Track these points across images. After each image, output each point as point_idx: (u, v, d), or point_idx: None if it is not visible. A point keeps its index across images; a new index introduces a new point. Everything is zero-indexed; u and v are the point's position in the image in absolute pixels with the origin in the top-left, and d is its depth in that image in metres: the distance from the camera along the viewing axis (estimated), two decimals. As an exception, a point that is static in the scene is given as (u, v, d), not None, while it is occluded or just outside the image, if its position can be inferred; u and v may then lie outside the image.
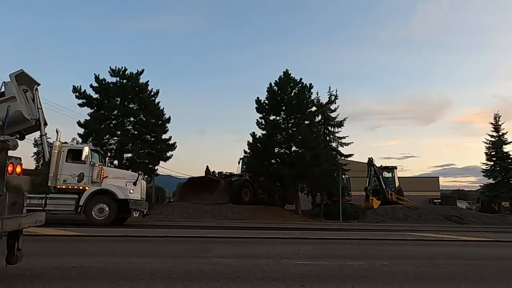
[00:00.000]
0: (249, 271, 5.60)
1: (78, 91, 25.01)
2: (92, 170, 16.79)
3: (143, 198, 17.89)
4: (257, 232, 12.15)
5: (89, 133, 24.87)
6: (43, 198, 16.39)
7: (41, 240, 9.00)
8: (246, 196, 27.44)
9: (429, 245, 10.31)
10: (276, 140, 25.08)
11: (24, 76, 19.49)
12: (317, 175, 23.56)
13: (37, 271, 5.21)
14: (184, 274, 5.22)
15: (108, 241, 9.06)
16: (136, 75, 25.89)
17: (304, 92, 25.81)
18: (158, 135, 26.67)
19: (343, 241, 10.21)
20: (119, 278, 4.84)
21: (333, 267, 6.22)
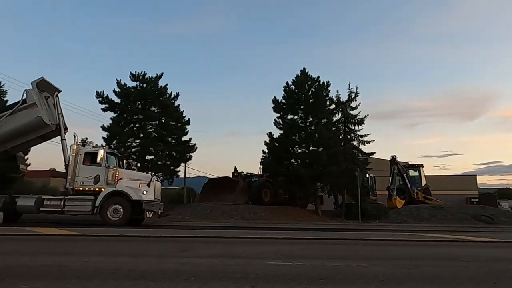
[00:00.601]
0: (213, 270, 5.52)
1: (101, 96, 25.96)
2: (107, 172, 17.37)
3: (157, 199, 18.20)
4: (253, 232, 12.03)
5: (112, 137, 25.76)
6: (62, 199, 17.20)
7: (40, 240, 9.40)
8: (266, 196, 27.34)
9: (427, 245, 9.77)
10: (294, 139, 24.80)
11: (45, 83, 20.26)
12: (335, 174, 23.06)
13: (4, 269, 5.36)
14: (141, 273, 5.24)
15: (99, 240, 9.26)
16: (155, 79, 26.53)
17: (322, 90, 25.35)
18: (178, 137, 27.17)
19: (336, 241, 9.89)
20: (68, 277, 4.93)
21: (304, 268, 6.01)
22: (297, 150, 25.38)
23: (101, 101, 25.95)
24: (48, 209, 17.17)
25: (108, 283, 4.65)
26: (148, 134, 26.42)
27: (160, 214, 18.64)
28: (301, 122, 25.78)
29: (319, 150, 23.87)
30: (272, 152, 25.24)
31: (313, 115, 25.27)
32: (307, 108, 25.12)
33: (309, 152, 24.82)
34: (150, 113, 26.17)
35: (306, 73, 25.82)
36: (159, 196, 18.79)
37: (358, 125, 26.79)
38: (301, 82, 25.42)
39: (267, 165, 25.41)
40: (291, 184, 24.85)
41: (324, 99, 25.54)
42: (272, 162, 25.11)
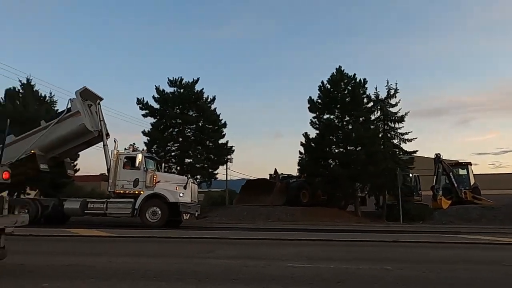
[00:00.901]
0: (229, 272, 5.53)
1: (141, 103, 26.98)
2: (146, 176, 17.94)
3: (194, 201, 18.51)
4: (281, 234, 11.92)
5: (152, 141, 26.67)
6: (104, 202, 18.00)
7: (77, 241, 9.88)
8: (304, 197, 27.04)
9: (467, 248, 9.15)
10: (330, 139, 24.29)
11: (88, 92, 21.27)
12: (373, 174, 22.29)
13: (31, 268, 5.68)
14: (157, 273, 5.34)
15: (129, 242, 9.58)
16: (192, 83, 27.15)
17: (359, 88, 24.67)
18: (215, 140, 27.59)
19: (366, 243, 9.53)
20: (88, 277, 5.13)
21: (322, 270, 5.86)
22: (334, 150, 24.84)
23: (141, 107, 26.98)
24: (92, 212, 18.04)
25: (124, 283, 4.79)
26: (187, 138, 27.07)
27: (197, 216, 18.99)
28: (338, 122, 25.24)
29: (356, 150, 23.22)
30: (309, 153, 24.90)
31: (350, 114, 24.65)
32: (344, 107, 24.54)
33: (347, 151, 24.22)
34: (187, 117, 26.81)
35: (342, 71, 25.27)
36: (195, 198, 19.13)
37: (398, 123, 25.76)
38: (336, 80, 24.90)
39: (303, 166, 25.08)
40: (328, 184, 24.36)
41: (361, 97, 24.84)
42: (309, 163, 24.76)
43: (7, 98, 28.10)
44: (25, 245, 7.99)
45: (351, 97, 24.38)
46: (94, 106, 19.72)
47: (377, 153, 22.77)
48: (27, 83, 28.27)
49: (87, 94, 19.48)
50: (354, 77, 25.15)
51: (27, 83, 28.26)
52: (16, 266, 5.63)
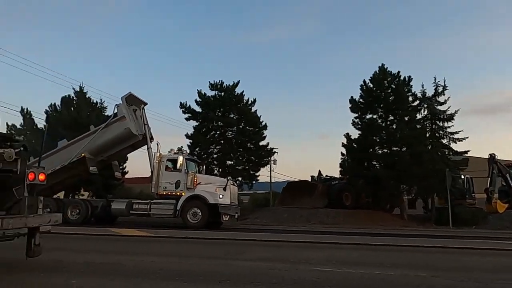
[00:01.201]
0: (252, 274, 5.51)
1: (184, 107, 27.75)
2: (187, 178, 18.38)
3: (233, 203, 18.65)
4: (316, 237, 11.65)
5: (195, 144, 27.31)
6: (148, 203, 18.66)
7: (116, 240, 10.31)
8: (347, 200, 26.38)
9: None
10: (373, 139, 23.47)
11: (133, 98, 22.21)
12: (419, 176, 21.22)
13: (66, 264, 5.99)
14: (181, 273, 5.44)
15: (165, 242, 9.84)
16: (232, 86, 27.50)
17: (403, 86, 23.66)
18: (256, 142, 27.71)
19: (403, 248, 9.05)
20: (114, 275, 5.32)
21: (350, 275, 5.66)
22: (377, 151, 23.98)
23: (184, 111, 27.74)
24: (137, 212, 18.74)
25: (146, 282, 4.90)
26: (228, 141, 27.41)
27: (237, 217, 19.15)
28: (382, 121, 24.37)
29: (401, 150, 22.25)
30: (351, 154, 24.24)
31: (394, 113, 23.69)
32: (387, 106, 23.63)
33: (390, 152, 23.29)
34: (228, 120, 27.16)
35: (385, 70, 24.38)
36: (235, 200, 19.27)
37: (447, 122, 24.37)
38: (379, 79, 24.06)
39: (345, 168, 24.43)
40: (371, 186, 23.56)
41: (406, 95, 23.79)
42: (351, 164, 24.10)
43: (63, 105, 30.13)
44: (69, 243, 8.49)
45: (395, 96, 23.44)
46: (139, 111, 20.57)
47: (423, 153, 21.65)
48: (80, 90, 30.07)
49: (132, 100, 20.36)
50: (398, 75, 24.17)
51: (80, 90, 30.06)
52: (55, 263, 5.96)
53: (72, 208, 19.19)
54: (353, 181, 24.90)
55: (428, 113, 24.82)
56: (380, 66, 24.55)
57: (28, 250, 5.24)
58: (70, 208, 19.18)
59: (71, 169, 19.97)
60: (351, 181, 25.17)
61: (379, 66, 24.60)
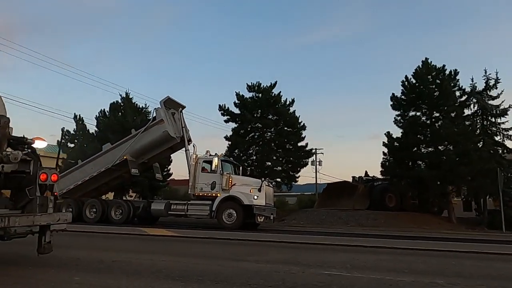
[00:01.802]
0: (256, 276, 5.40)
1: (222, 109, 28.13)
2: (222, 179, 18.55)
3: (269, 204, 18.51)
4: (342, 239, 11.19)
5: (234, 146, 27.56)
6: (185, 204, 19.08)
7: (140, 239, 10.62)
8: (390, 201, 25.31)
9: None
10: (416, 138, 22.19)
11: (171, 101, 22.94)
12: (466, 176, 19.74)
13: (82, 262, 6.24)
14: (182, 273, 5.45)
15: (187, 242, 9.96)
16: (269, 87, 27.44)
17: (449, 81, 22.18)
18: (295, 143, 27.42)
19: (430, 252, 8.41)
20: (121, 274, 5.44)
21: (358, 281, 5.34)
22: (421, 150, 22.66)
23: (223, 113, 28.11)
24: (175, 213, 19.21)
25: (155, 282, 4.93)
26: (266, 142, 27.36)
27: (272, 218, 19.00)
28: (426, 119, 23.02)
29: (448, 149, 20.84)
30: (392, 153, 23.14)
31: (439, 109, 22.28)
32: (431, 103, 22.26)
33: (435, 151, 21.91)
34: (266, 121, 27.10)
35: (429, 64, 23.01)
36: (271, 201, 19.11)
37: (500, 117, 22.52)
38: (422, 74, 22.74)
39: (387, 168, 23.34)
40: (414, 187, 22.33)
41: (452, 90, 22.28)
42: (392, 164, 22.98)
43: (111, 110, 31.78)
44: (93, 241, 8.87)
45: (439, 91, 22.04)
46: (177, 114, 21.12)
47: (471, 151, 20.11)
48: (126, 96, 31.54)
49: (170, 103, 20.95)
50: (443, 69, 22.71)
51: (126, 96, 31.53)
52: (70, 260, 6.23)
53: (116, 208, 20.09)
54: (394, 182, 23.75)
55: (478, 109, 23.11)
56: (423, 60, 23.25)
57: (39, 247, 5.49)
58: (113, 209, 20.10)
59: (115, 171, 20.98)
60: (393, 182, 24.02)
61: (423, 61, 23.27)
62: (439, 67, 22.85)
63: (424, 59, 23.20)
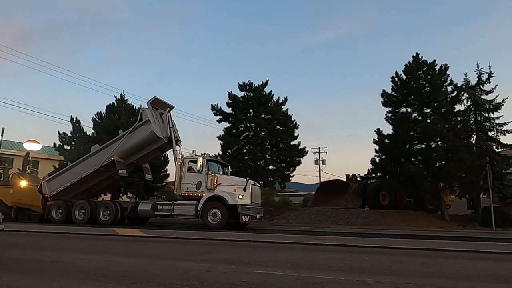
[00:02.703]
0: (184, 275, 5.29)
1: (215, 109, 28.03)
2: (207, 178, 18.44)
3: (255, 203, 18.33)
4: (306, 238, 10.98)
5: (226, 145, 27.43)
6: (171, 204, 19.01)
7: (110, 240, 10.56)
8: (384, 199, 24.94)
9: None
10: (405, 134, 21.78)
11: (158, 102, 22.83)
12: (456, 172, 19.29)
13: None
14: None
15: (153, 242, 9.86)
16: (261, 86, 27.26)
17: (440, 76, 21.71)
18: (288, 142, 27.21)
19: (390, 250, 8.18)
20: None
21: (284, 278, 5.16)
22: (413, 147, 22.23)
23: (215, 113, 28.00)
24: (161, 213, 19.18)
25: (75, 282, 4.85)
26: (258, 141, 27.20)
27: (259, 218, 18.84)
28: (418, 115, 22.59)
29: (435, 145, 20.40)
30: (382, 151, 22.75)
31: (429, 105, 21.84)
32: (422, 98, 21.83)
33: (425, 148, 21.47)
34: (258, 120, 26.93)
35: (419, 59, 22.59)
36: (257, 200, 18.92)
37: (493, 112, 22.01)
38: (412, 69, 22.32)
39: (377, 165, 22.96)
40: (404, 185, 21.91)
41: (441, 85, 21.80)
42: (384, 162, 22.59)
43: (107, 112, 31.92)
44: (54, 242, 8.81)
45: (430, 87, 21.60)
46: (165, 114, 21.06)
47: (460, 147, 19.64)
48: (121, 98, 31.64)
49: (158, 103, 20.89)
50: (433, 64, 22.27)
51: (121, 98, 31.64)
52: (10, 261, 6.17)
53: (104, 209, 20.14)
54: (385, 179, 23.38)
55: (471, 104, 22.63)
56: (414, 55, 22.82)
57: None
58: (101, 210, 20.15)
59: (103, 172, 21.00)
60: (384, 179, 23.65)
61: (413, 56, 22.80)
62: (430, 62, 22.41)
63: (415, 54, 22.78)
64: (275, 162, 27.14)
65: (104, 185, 23.09)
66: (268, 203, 26.96)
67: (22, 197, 22.64)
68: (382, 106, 23.29)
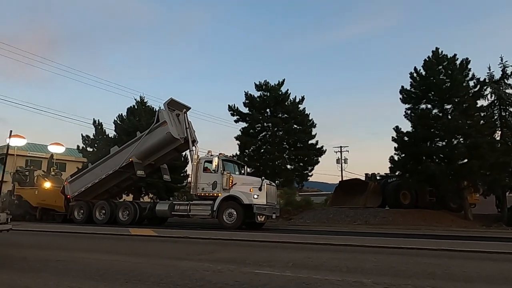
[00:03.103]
0: (182, 275, 5.30)
1: (232, 109, 28.11)
2: (222, 178, 18.47)
3: (270, 203, 18.23)
4: (314, 237, 10.80)
5: (244, 146, 27.45)
6: (188, 204, 19.16)
7: (120, 239, 10.74)
8: (405, 199, 24.32)
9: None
10: (425, 131, 21.12)
11: (174, 103, 23.09)
12: (478, 170, 18.54)
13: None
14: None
15: (161, 241, 9.96)
16: (277, 85, 27.14)
17: (461, 71, 20.96)
18: (305, 141, 26.98)
19: (392, 250, 7.93)
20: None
21: (278, 278, 5.08)
22: (434, 145, 21.54)
23: (232, 113, 28.07)
24: (178, 213, 19.36)
25: (73, 280, 4.94)
26: (275, 141, 27.08)
27: (275, 217, 18.74)
28: (439, 111, 21.91)
29: (456, 142, 19.69)
30: (402, 149, 22.16)
31: (450, 101, 21.12)
32: (441, 94, 21.13)
33: (446, 145, 20.77)
34: (273, 119, 26.83)
35: (439, 54, 21.89)
36: (273, 200, 18.80)
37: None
38: (432, 64, 21.64)
39: (396, 164, 22.39)
40: (425, 183, 21.25)
41: (463, 80, 21.05)
42: (403, 160, 22.01)
43: (128, 114, 32.62)
44: (66, 242, 9.03)
45: (450, 82, 20.89)
46: (182, 115, 21.25)
47: (483, 144, 18.87)
48: (141, 100, 32.26)
49: (174, 105, 21.10)
50: (454, 58, 21.52)
51: (140, 100, 32.26)
52: (18, 260, 6.36)
53: (123, 210, 20.52)
54: (405, 178, 22.77)
55: (495, 99, 21.76)
56: (433, 50, 22.13)
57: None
58: (121, 210, 20.54)
59: (123, 173, 21.40)
60: (404, 178, 23.04)
61: (433, 51, 22.10)
62: (450, 56, 21.69)
63: (435, 49, 22.09)
64: (292, 161, 26.98)
65: (124, 186, 23.53)
66: (290, 203, 26.82)
67: (46, 198, 23.39)
68: (401, 103, 22.70)
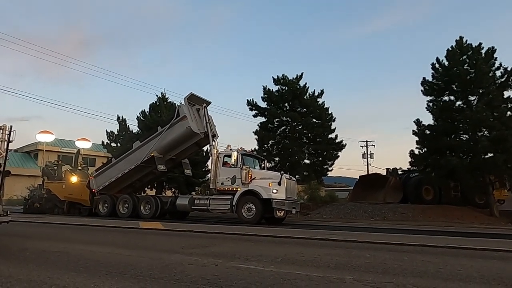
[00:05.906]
0: (164, 268, 5.37)
1: (250, 104, 28.17)
2: (242, 173, 18.58)
3: (290, 198, 18.20)
4: (320, 233, 10.73)
5: (262, 140, 27.50)
6: (207, 199, 19.41)
7: (128, 232, 11.00)
8: (428, 194, 23.76)
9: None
10: (447, 124, 20.49)
11: (194, 97, 23.40)
12: (503, 164, 17.85)
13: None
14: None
15: (165, 235, 10.16)
16: (295, 79, 26.99)
17: (485, 60, 20.15)
18: (325, 135, 26.76)
19: (404, 247, 7.79)
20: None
21: (257, 272, 5.08)
22: (457, 138, 20.88)
23: (251, 108, 28.13)
24: (198, 207, 19.64)
25: (56, 271, 5.09)
26: (293, 135, 27.00)
27: (295, 212, 18.71)
28: (463, 103, 21.21)
29: (478, 135, 18.99)
30: (423, 143, 21.59)
31: (474, 92, 20.40)
32: (465, 85, 20.42)
33: (469, 138, 20.11)
34: (292, 114, 26.71)
35: (463, 43, 21.12)
36: (293, 194, 18.80)
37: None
38: (455, 54, 20.91)
39: (416, 158, 21.85)
40: (444, 178, 20.65)
41: (489, 70, 20.23)
42: (424, 154, 21.45)
43: (150, 110, 33.28)
44: (73, 234, 9.37)
45: (475, 73, 20.15)
46: (202, 110, 21.46)
47: (505, 137, 18.14)
48: (162, 96, 32.87)
49: (194, 99, 21.33)
50: (479, 47, 20.71)
51: (162, 96, 32.87)
52: (16, 251, 6.69)
53: (145, 204, 21.03)
54: (426, 173, 22.22)
55: (525, 90, 20.84)
56: (457, 39, 21.36)
57: None
58: (143, 204, 21.05)
59: (145, 167, 21.82)
60: (425, 173, 22.49)
61: (456, 40, 21.32)
62: (475, 45, 20.90)
63: (458, 38, 21.33)
64: (312, 156, 26.84)
65: (146, 180, 24.04)
66: (314, 198, 26.65)
67: (72, 192, 24.24)
68: (422, 95, 22.10)
